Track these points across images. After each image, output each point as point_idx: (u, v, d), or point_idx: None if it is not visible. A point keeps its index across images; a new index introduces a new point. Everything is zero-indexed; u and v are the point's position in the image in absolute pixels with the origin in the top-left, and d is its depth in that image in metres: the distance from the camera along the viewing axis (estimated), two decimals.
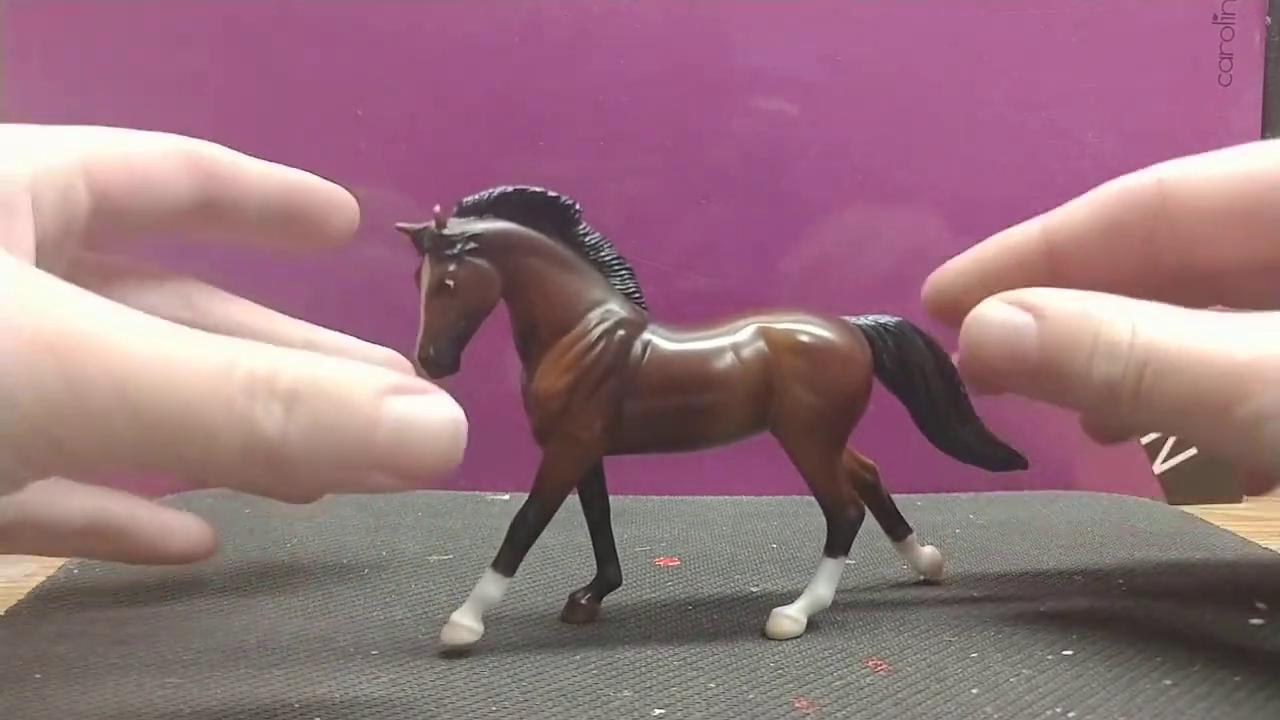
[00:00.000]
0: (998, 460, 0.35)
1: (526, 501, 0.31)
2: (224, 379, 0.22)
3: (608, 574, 0.34)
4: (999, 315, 0.31)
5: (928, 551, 0.38)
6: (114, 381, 0.21)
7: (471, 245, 0.30)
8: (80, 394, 0.21)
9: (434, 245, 0.29)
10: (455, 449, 0.24)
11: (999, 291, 0.32)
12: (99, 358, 0.21)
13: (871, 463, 0.36)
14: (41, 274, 0.23)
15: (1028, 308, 0.30)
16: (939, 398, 0.34)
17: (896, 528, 0.37)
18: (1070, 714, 0.26)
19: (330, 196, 0.36)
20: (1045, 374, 0.30)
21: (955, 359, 0.33)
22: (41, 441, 0.21)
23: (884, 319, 0.34)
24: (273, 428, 0.22)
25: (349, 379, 0.23)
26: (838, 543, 0.33)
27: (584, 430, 0.31)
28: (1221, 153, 0.33)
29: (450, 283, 0.29)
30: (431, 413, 0.24)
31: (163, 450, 0.22)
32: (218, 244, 0.37)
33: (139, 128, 0.33)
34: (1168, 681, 0.28)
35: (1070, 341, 0.29)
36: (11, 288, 0.22)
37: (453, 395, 0.28)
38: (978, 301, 0.32)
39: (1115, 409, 0.29)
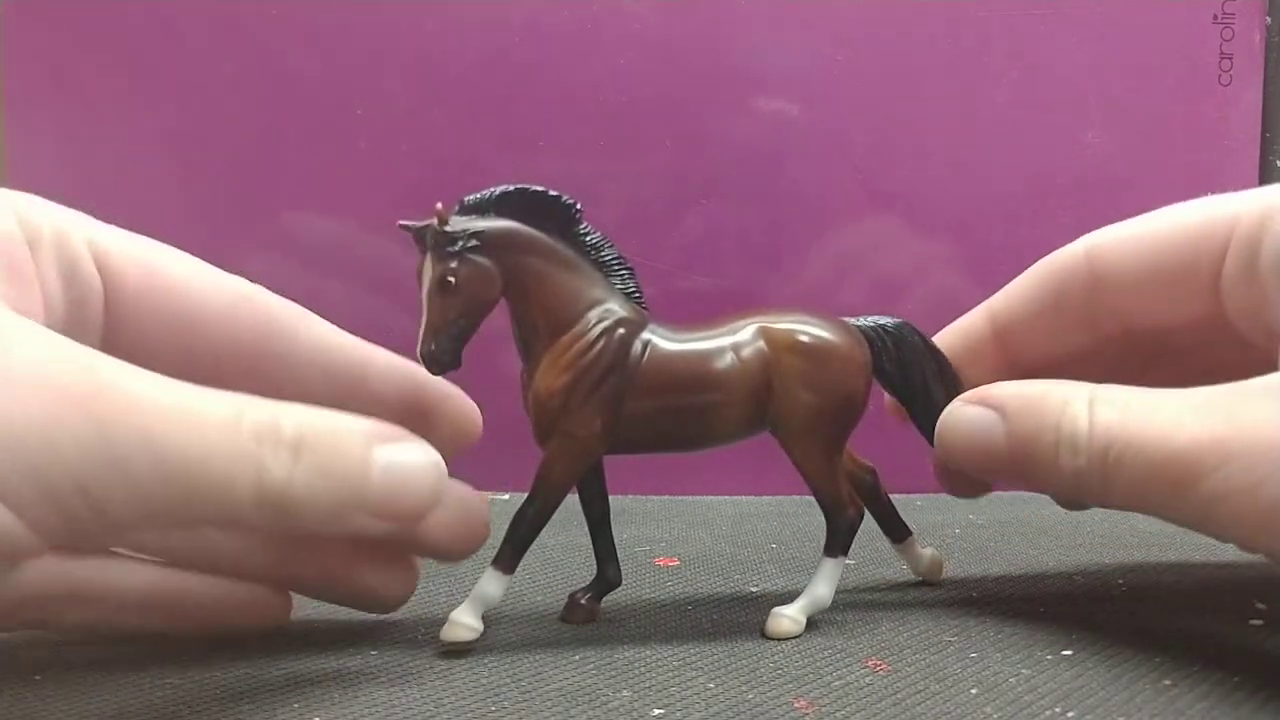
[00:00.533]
0: None
1: (526, 499, 0.31)
2: (234, 427, 0.23)
3: (608, 574, 0.34)
4: (966, 415, 0.31)
5: (927, 553, 0.38)
6: (140, 431, 0.22)
7: (473, 243, 0.29)
8: (111, 442, 0.22)
9: (435, 243, 0.29)
10: (438, 492, 0.26)
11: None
12: (126, 410, 0.22)
13: (871, 464, 0.36)
14: (60, 336, 0.23)
15: (991, 405, 0.31)
16: (938, 399, 0.34)
17: (896, 529, 0.37)
18: (1070, 714, 0.26)
19: (398, 380, 0.32)
20: (1018, 466, 0.30)
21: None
22: (72, 490, 0.22)
23: (884, 320, 0.34)
24: (281, 472, 0.23)
25: (343, 428, 0.25)
26: (837, 543, 0.33)
27: (583, 429, 0.31)
28: (1145, 217, 0.33)
29: (451, 280, 0.29)
30: (415, 459, 0.26)
31: (182, 495, 0.23)
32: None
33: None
34: (1167, 681, 0.28)
35: (1034, 434, 0.29)
36: (39, 347, 0.23)
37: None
38: None
39: (1087, 497, 0.29)
